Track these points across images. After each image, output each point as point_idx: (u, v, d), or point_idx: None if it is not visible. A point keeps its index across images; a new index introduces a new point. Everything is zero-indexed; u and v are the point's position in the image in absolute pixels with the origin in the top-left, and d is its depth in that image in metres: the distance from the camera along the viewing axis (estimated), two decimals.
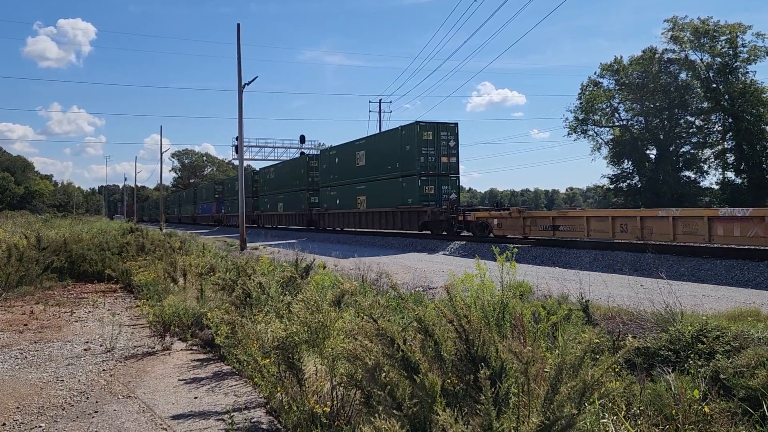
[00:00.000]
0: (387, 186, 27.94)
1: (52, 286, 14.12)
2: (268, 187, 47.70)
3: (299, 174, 40.16)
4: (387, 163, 27.94)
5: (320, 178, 36.84)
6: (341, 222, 33.70)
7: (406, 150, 26.12)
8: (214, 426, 4.95)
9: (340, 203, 33.30)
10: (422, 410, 3.15)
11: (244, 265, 10.43)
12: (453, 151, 26.11)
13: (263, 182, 49.50)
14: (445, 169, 25.83)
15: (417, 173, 25.37)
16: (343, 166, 33.06)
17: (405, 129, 26.57)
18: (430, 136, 25.49)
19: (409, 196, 25.85)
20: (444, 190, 25.67)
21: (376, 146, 29.71)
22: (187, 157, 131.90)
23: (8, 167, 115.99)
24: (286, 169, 44.36)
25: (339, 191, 33.48)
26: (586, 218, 17.16)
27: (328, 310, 4.83)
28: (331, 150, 35.20)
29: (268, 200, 47.41)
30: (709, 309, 7.99)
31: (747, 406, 4.39)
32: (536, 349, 3.44)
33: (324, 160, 35.89)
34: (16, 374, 6.73)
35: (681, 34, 46.10)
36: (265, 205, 48.16)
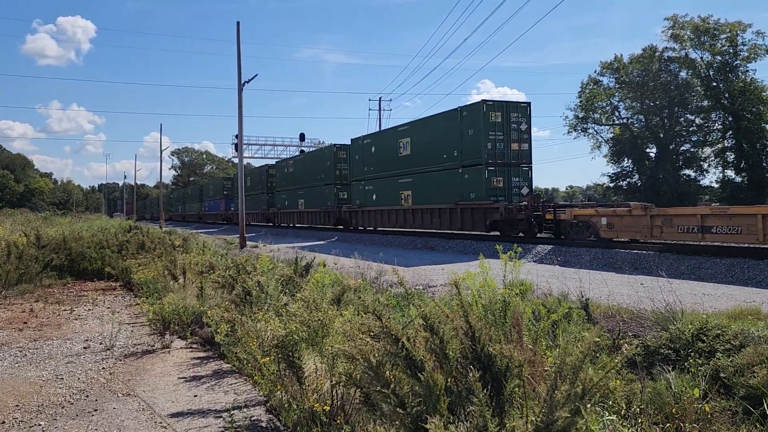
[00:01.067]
0: (442, 178, 23.59)
1: (51, 284, 14.11)
2: (286, 182, 42.89)
3: (324, 167, 35.67)
4: (441, 151, 23.53)
5: (351, 170, 32.87)
6: (378, 220, 29.27)
7: (468, 135, 21.77)
8: (214, 424, 4.95)
9: (378, 199, 28.92)
10: (425, 409, 3.14)
11: (244, 263, 10.43)
12: (525, 136, 21.93)
13: (280, 177, 44.86)
14: (515, 158, 21.58)
15: (483, 163, 21.05)
16: (382, 157, 28.53)
17: (467, 110, 22.18)
18: (498, 118, 21.17)
19: (473, 191, 21.61)
20: (514, 182, 21.54)
21: (425, 132, 25.09)
22: (187, 155, 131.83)
23: (8, 165, 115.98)
24: (308, 161, 39.61)
25: (376, 185, 29.10)
26: (761, 216, 12.55)
27: (327, 308, 4.82)
28: (365, 138, 30.48)
29: (286, 197, 42.62)
30: (710, 307, 7.99)
31: (747, 404, 4.38)
32: (536, 349, 3.43)
33: (356, 151, 31.42)
34: (15, 372, 6.73)
35: (681, 32, 46.09)
36: (283, 202, 43.44)
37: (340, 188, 34.17)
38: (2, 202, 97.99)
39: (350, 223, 32.70)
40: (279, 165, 46.48)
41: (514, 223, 20.59)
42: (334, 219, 34.39)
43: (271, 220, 46.76)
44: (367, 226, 30.97)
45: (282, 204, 43.67)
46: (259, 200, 48.95)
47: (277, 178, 45.81)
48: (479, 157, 21.23)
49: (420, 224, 25.83)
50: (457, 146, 22.56)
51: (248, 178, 51.27)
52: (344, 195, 34.02)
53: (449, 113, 23.35)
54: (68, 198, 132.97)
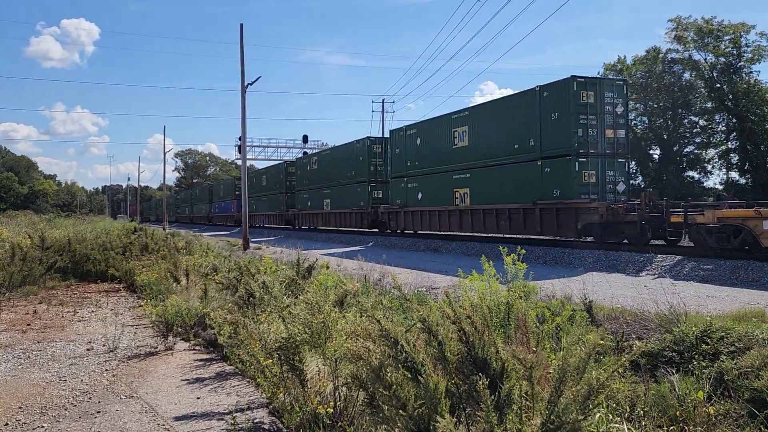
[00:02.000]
0: (512, 173, 19.74)
1: (55, 286, 14.14)
2: (309, 180, 39.05)
3: (356, 162, 31.89)
4: (511, 140, 19.77)
5: (388, 166, 29.66)
6: (425, 223, 25.37)
7: (551, 120, 17.99)
8: (217, 426, 4.94)
9: (424, 198, 25.10)
10: (426, 411, 3.14)
11: (247, 265, 10.43)
12: (621, 121, 18.06)
13: (301, 175, 40.81)
14: (610, 148, 17.75)
15: (573, 153, 17.22)
16: (430, 149, 24.67)
17: (550, 89, 18.17)
18: (590, 98, 17.36)
19: (557, 187, 17.82)
20: (609, 177, 17.66)
21: (489, 118, 21.12)
22: (190, 156, 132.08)
23: (12, 167, 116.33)
24: (335, 157, 35.63)
25: (422, 183, 25.28)
26: None
27: (330, 310, 4.82)
28: (409, 129, 26.39)
29: (309, 196, 38.83)
30: (714, 310, 7.96)
31: (752, 407, 4.36)
32: (540, 352, 3.42)
33: (396, 143, 27.43)
34: (18, 374, 6.74)
35: (685, 33, 46.01)
36: (304, 203, 39.66)
37: (374, 186, 30.51)
38: (6, 204, 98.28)
39: (388, 226, 29.00)
40: (300, 162, 42.26)
41: (617, 227, 16.74)
42: (368, 221, 30.72)
43: (290, 222, 43.47)
44: (410, 229, 27.40)
45: (303, 204, 39.98)
46: (276, 200, 46.08)
47: (297, 177, 41.97)
48: (567, 147, 17.39)
49: (481, 227, 21.55)
50: (533, 134, 18.68)
51: (264, 176, 49.36)
52: (379, 194, 30.44)
53: (523, 95, 19.54)
54: (72, 200, 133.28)
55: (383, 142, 30.93)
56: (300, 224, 41.54)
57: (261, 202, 49.99)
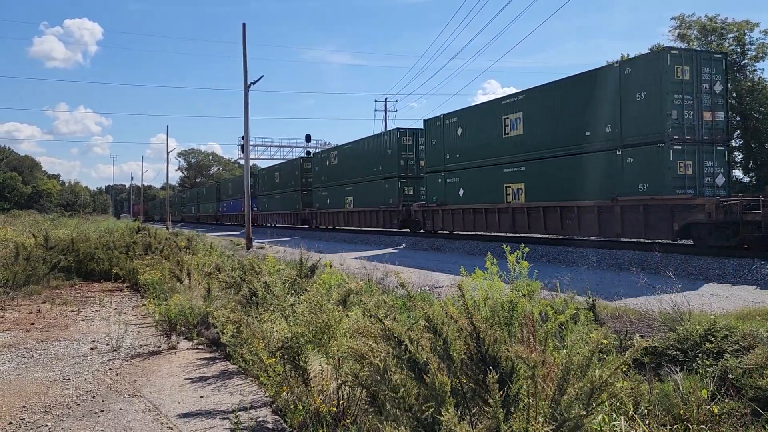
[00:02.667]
0: (583, 166, 16.75)
1: (59, 285, 14.17)
2: (328, 176, 36.15)
3: (383, 157, 29.04)
4: (580, 126, 16.80)
5: (420, 160, 27.24)
6: (468, 222, 22.18)
7: (636, 101, 15.16)
8: (220, 425, 4.95)
9: (467, 195, 22.16)
10: (432, 411, 3.13)
11: (250, 263, 10.43)
12: (720, 102, 15.28)
13: (319, 171, 37.77)
14: (708, 133, 14.98)
15: (667, 139, 14.45)
16: (475, 140, 21.71)
17: (634, 64, 15.62)
18: (686, 75, 14.70)
19: (643, 180, 14.98)
20: (707, 168, 14.91)
21: (550, 102, 18.03)
22: (194, 156, 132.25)
23: (16, 167, 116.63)
24: (359, 151, 32.43)
25: (464, 177, 22.34)
26: None
27: (333, 309, 4.82)
28: (448, 117, 23.41)
29: (328, 194, 35.89)
30: (718, 308, 7.94)
31: (756, 406, 4.35)
32: (545, 351, 3.41)
33: (432, 134, 24.52)
34: (22, 373, 6.75)
35: (688, 31, 45.86)
36: (323, 201, 36.68)
37: (405, 182, 27.63)
38: (10, 204, 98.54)
39: (422, 226, 25.97)
40: (318, 157, 38.74)
41: (730, 229, 13.56)
42: (398, 220, 27.64)
43: (307, 221, 40.44)
44: (448, 230, 24.24)
45: (322, 203, 36.90)
46: (290, 199, 42.99)
47: (315, 173, 38.57)
48: (659, 132, 14.64)
49: (539, 228, 18.41)
50: (611, 118, 15.87)
51: (277, 173, 46.63)
52: (410, 190, 27.66)
53: (598, 73, 16.64)
54: (76, 199, 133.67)
55: (414, 134, 28.06)
56: (318, 223, 38.27)
57: (274, 201, 47.41)
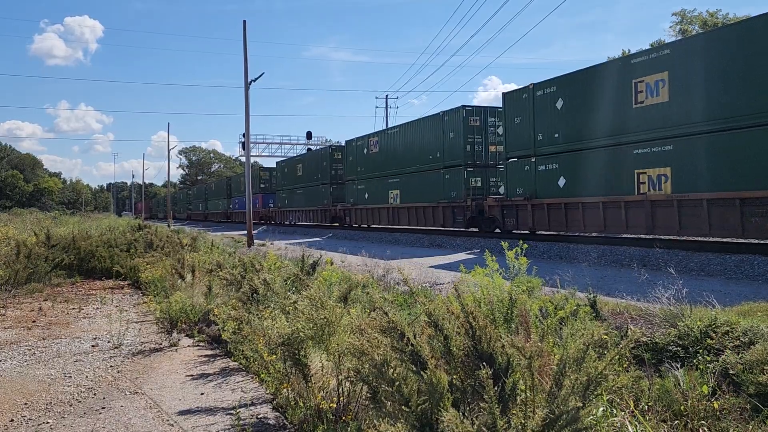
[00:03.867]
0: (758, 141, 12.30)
1: (60, 283, 14.19)
2: (367, 167, 30.77)
3: (444, 142, 23.77)
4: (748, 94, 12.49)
5: (495, 144, 22.67)
6: (573, 221, 17.03)
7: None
8: (221, 422, 4.96)
9: (571, 186, 17.00)
10: (430, 407, 3.13)
11: (251, 261, 10.44)
12: None
13: (353, 161, 32.37)
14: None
15: None
16: (585, 113, 16.56)
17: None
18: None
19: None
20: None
21: (715, 55, 13.13)
22: (195, 153, 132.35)
23: (17, 165, 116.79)
24: (408, 136, 26.82)
25: (567, 163, 17.23)
26: None
27: (334, 306, 4.82)
28: (542, 88, 18.07)
29: (367, 187, 30.57)
30: (719, 304, 7.92)
31: (757, 402, 4.35)
32: (543, 344, 3.41)
33: (516, 110, 19.22)
34: (24, 370, 6.77)
35: (689, 27, 45.80)
36: (359, 195, 31.49)
37: (472, 172, 22.79)
38: (12, 202, 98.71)
39: (499, 224, 20.48)
40: (353, 145, 32.54)
41: None
42: (465, 218, 22.46)
43: (338, 219, 35.05)
44: (543, 229, 18.78)
45: (358, 197, 31.43)
46: (317, 193, 37.57)
47: (348, 164, 33.18)
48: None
49: (701, 227, 13.39)
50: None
51: (299, 165, 41.35)
52: (477, 182, 22.87)
53: None
54: (77, 197, 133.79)
55: (483, 113, 22.80)
56: (352, 221, 33.05)
57: (295, 196, 41.93)
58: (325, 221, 36.74)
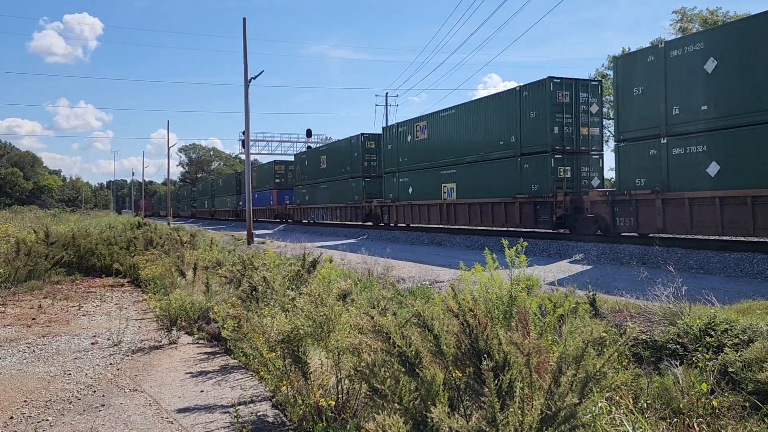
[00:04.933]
0: None
1: (60, 281, 14.19)
2: (412, 157, 26.07)
3: (520, 123, 19.34)
4: None
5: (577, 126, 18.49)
6: (730, 221, 12.80)
7: None
8: (220, 419, 4.96)
9: (728, 174, 12.86)
10: (423, 404, 3.14)
11: (251, 259, 10.44)
12: None
13: (392, 151, 27.69)
14: None
15: None
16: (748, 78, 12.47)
17: None
18: None
19: None
20: None
21: None
22: (194, 151, 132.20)
23: (17, 163, 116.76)
24: (468, 118, 22.19)
25: (717, 144, 13.17)
26: None
27: (333, 303, 4.82)
28: (678, 46, 14.19)
29: (412, 180, 26.09)
30: (718, 302, 7.92)
31: (756, 399, 4.35)
32: (541, 341, 3.42)
33: (633, 78, 15.27)
34: (23, 368, 6.77)
35: (689, 25, 45.74)
36: (401, 190, 26.90)
37: (560, 160, 18.27)
38: (12, 200, 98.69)
39: (616, 225, 15.77)
40: (394, 131, 27.78)
41: None
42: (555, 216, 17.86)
43: (374, 217, 30.54)
44: (678, 232, 14.65)
45: (401, 192, 26.94)
46: (345, 188, 33.22)
47: (386, 153, 28.61)
48: None
49: None
50: None
51: (322, 157, 36.96)
52: (566, 171, 18.39)
53: None
54: (77, 195, 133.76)
55: (574, 87, 18.51)
56: (392, 220, 28.21)
57: (318, 192, 37.56)
58: (356, 219, 32.31)
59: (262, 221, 49.23)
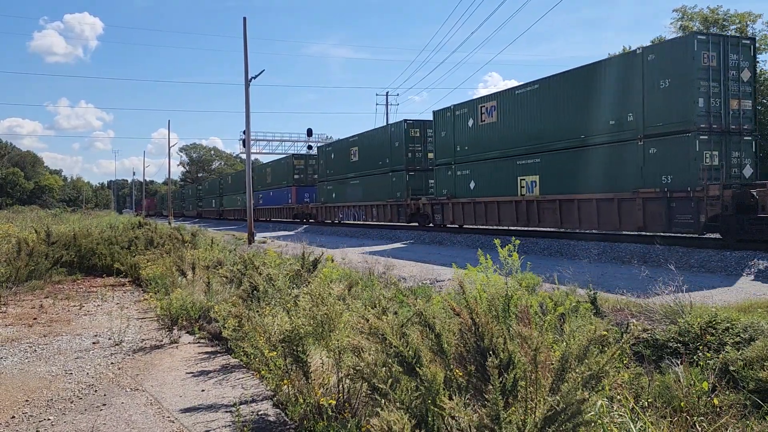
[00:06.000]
0: None
1: (61, 281, 14.21)
2: (473, 144, 21.26)
3: (642, 94, 14.78)
4: None
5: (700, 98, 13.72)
6: None
7: None
8: (222, 418, 4.97)
9: None
10: (424, 402, 3.14)
11: (252, 258, 10.45)
12: None
13: (449, 137, 22.59)
14: None
15: None
16: None
17: None
18: None
19: None
20: None
21: None
22: (195, 151, 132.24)
23: (18, 162, 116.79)
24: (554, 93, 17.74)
25: None
26: None
27: (334, 302, 4.82)
28: None
29: (472, 173, 21.36)
30: (719, 301, 7.92)
31: (756, 398, 4.35)
32: (542, 340, 3.42)
33: None
34: (25, 367, 6.78)
35: (690, 23, 45.69)
36: (459, 185, 22.04)
37: (705, 142, 13.78)
38: (13, 200, 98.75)
39: None
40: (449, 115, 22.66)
41: None
42: (706, 215, 13.23)
43: (421, 217, 25.33)
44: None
45: (459, 187, 22.00)
46: (382, 184, 28.16)
47: (440, 140, 23.15)
48: None
49: None
50: None
51: (353, 149, 31.92)
52: (713, 158, 13.95)
53: None
54: (78, 195, 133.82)
55: (722, 45, 14.11)
56: (446, 219, 23.10)
57: (347, 188, 32.55)
58: (398, 219, 26.99)
59: (278, 221, 44.59)
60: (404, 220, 26.59)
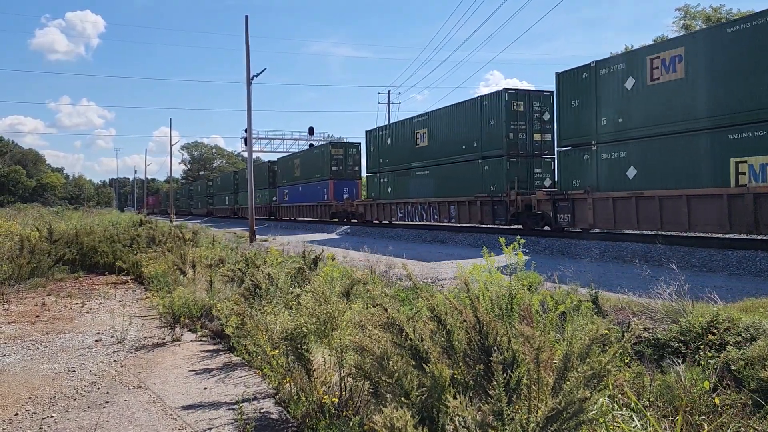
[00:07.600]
0: None
1: (63, 278, 14.24)
2: (628, 116, 15.09)
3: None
4: None
5: None
6: None
7: None
8: (224, 416, 4.98)
9: None
10: (430, 399, 3.15)
11: (253, 256, 10.46)
12: None
13: (592, 104, 16.15)
14: None
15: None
16: None
17: None
18: None
19: None
20: None
21: None
22: (197, 149, 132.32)
23: (20, 160, 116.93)
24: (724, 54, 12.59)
25: None
26: None
27: (336, 301, 4.84)
28: None
29: (631, 155, 15.14)
30: (720, 300, 7.92)
31: (758, 397, 4.36)
32: (544, 338, 3.43)
33: None
34: (28, 365, 6.80)
35: (692, 22, 45.62)
36: (605, 173, 15.88)
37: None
38: (15, 197, 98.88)
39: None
40: (581, 76, 16.55)
41: None
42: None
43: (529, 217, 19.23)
44: None
45: (600, 177, 16.11)
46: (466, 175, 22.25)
47: (566, 115, 17.16)
48: None
49: None
50: None
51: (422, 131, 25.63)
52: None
53: None
54: (80, 193, 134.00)
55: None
56: (578, 221, 17.09)
57: (410, 181, 26.39)
58: (494, 220, 20.86)
59: (304, 221, 39.01)
60: (503, 222, 20.51)
